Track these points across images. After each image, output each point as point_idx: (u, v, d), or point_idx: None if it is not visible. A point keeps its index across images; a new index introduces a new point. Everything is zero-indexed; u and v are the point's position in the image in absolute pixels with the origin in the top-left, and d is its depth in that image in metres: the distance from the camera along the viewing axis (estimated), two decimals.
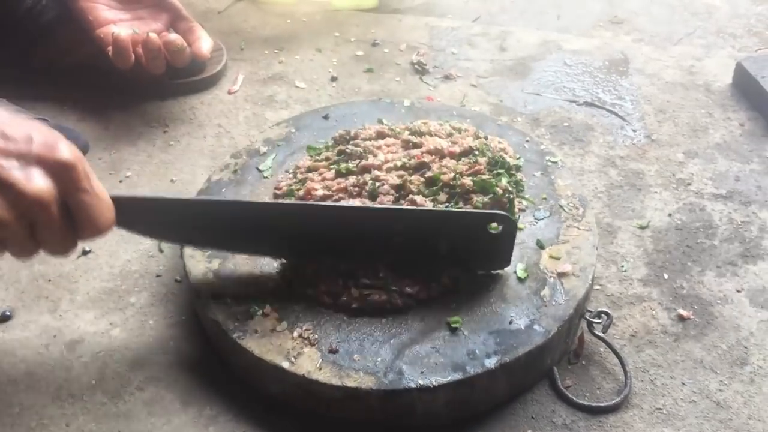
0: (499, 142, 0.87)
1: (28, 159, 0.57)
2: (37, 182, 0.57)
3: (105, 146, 1.00)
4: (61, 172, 0.58)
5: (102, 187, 0.62)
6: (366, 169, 0.80)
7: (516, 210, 0.78)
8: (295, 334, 0.67)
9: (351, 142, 0.85)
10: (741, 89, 1.09)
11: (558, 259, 0.74)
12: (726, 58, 1.17)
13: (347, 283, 0.70)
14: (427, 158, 0.80)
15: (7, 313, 0.77)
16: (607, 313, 0.71)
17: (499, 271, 0.72)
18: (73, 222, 0.60)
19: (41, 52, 1.07)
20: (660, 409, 0.68)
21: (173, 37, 0.98)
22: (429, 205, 0.75)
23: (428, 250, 0.70)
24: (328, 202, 0.76)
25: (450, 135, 0.86)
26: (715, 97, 1.09)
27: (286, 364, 0.65)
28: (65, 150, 0.58)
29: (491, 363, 0.64)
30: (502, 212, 0.69)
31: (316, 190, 0.78)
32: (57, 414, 0.68)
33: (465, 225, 0.69)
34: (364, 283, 0.69)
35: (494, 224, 0.68)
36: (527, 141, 0.89)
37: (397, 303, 0.69)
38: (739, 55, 1.18)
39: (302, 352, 0.66)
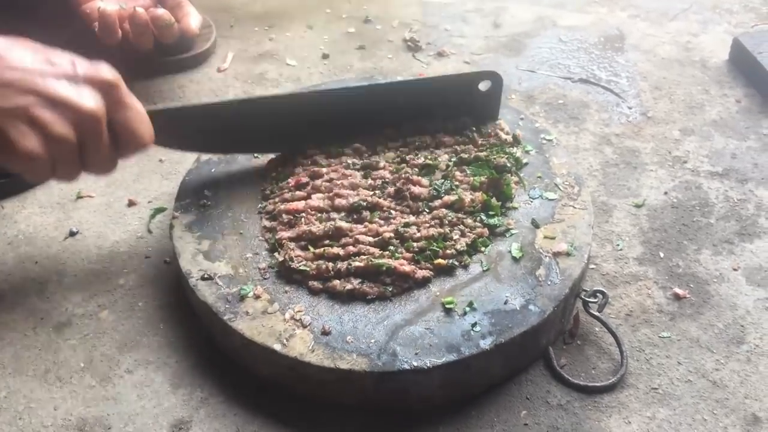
0: None
1: (77, 80, 0.61)
2: (89, 99, 0.61)
3: None
4: (107, 89, 0.62)
5: (140, 103, 0.66)
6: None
7: (513, 187, 0.77)
8: (287, 315, 0.66)
9: None
10: (737, 65, 1.08)
11: (553, 238, 0.73)
12: (722, 34, 1.16)
13: (338, 272, 0.68)
14: None
15: None
16: (602, 293, 0.71)
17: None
18: (117, 140, 0.64)
19: (25, 28, 1.04)
20: (656, 388, 0.67)
21: (161, 12, 0.95)
22: (425, 182, 0.75)
23: (426, 114, 0.81)
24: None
25: None
26: (711, 73, 1.08)
27: (278, 346, 0.64)
28: (108, 70, 0.63)
29: (486, 344, 0.63)
30: (490, 71, 0.81)
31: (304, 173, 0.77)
32: (45, 398, 0.67)
33: (458, 85, 0.80)
34: (356, 269, 0.68)
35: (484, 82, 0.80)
36: (522, 119, 0.88)
37: (386, 294, 0.68)
38: (735, 31, 1.16)
39: (294, 334, 0.65)
